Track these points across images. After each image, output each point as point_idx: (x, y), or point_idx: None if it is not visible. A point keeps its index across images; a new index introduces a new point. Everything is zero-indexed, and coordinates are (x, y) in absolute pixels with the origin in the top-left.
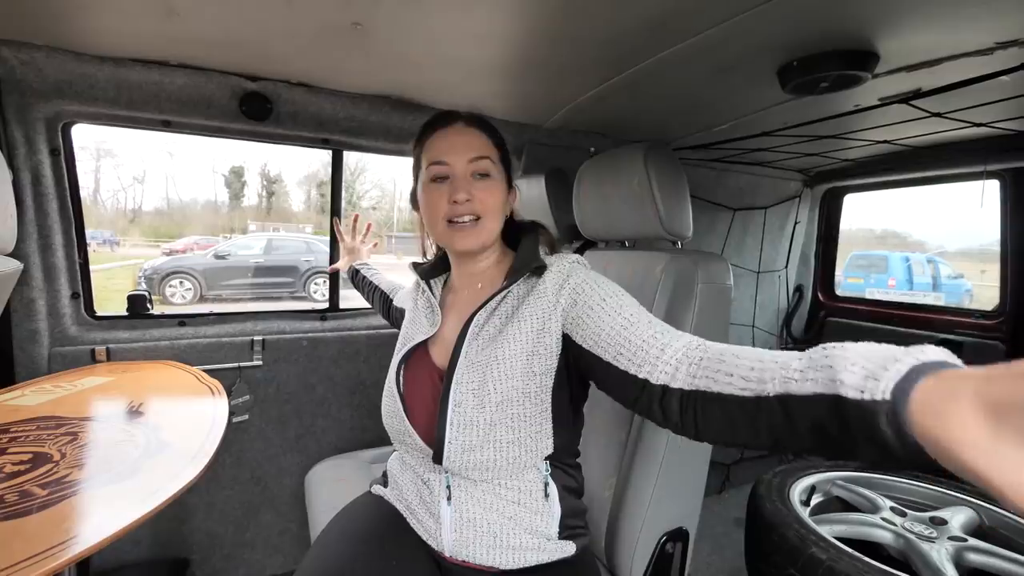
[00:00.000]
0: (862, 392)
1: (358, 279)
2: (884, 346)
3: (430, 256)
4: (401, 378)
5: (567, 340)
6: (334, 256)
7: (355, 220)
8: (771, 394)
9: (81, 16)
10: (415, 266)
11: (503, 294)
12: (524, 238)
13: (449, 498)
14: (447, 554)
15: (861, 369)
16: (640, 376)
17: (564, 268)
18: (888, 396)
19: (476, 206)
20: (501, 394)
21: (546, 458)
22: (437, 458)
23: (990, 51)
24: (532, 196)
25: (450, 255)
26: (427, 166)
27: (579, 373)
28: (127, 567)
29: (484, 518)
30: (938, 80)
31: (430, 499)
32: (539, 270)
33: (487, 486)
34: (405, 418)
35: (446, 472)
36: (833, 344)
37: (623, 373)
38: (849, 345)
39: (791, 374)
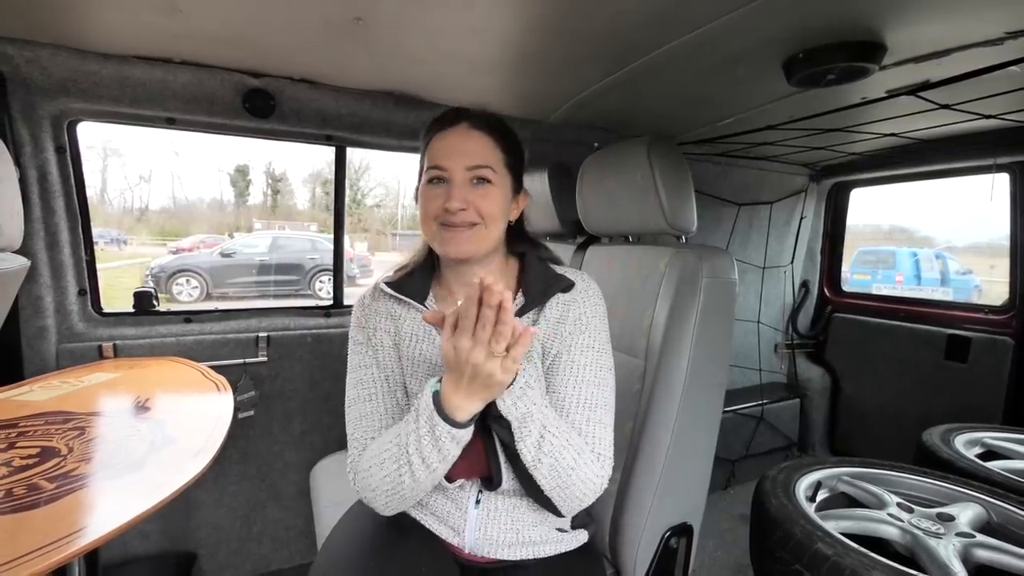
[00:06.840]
0: None
1: None
2: None
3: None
4: None
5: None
6: (338, 253)
7: None
8: None
9: (85, 14)
10: (396, 287)
11: (531, 314)
12: (528, 256)
13: (478, 501)
14: (467, 551)
15: None
16: None
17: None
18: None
19: (471, 215)
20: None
21: None
22: (495, 486)
23: (1000, 41)
24: (535, 192)
25: (443, 264)
26: (427, 168)
27: None
28: (136, 561)
29: (509, 515)
30: (947, 71)
31: (459, 496)
32: (567, 288)
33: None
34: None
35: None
36: None
37: None
38: None
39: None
